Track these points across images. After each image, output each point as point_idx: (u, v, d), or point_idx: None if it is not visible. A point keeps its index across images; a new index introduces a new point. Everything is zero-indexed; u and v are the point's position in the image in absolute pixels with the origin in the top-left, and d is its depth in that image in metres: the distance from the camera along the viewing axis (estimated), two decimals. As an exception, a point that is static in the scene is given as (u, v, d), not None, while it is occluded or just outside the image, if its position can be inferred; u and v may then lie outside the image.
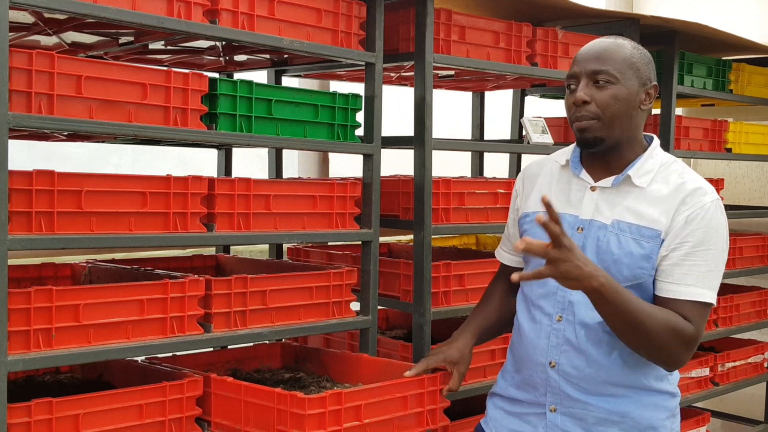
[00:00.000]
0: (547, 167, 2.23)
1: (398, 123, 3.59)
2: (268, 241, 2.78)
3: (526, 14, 3.36)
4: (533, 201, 2.19)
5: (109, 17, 2.13)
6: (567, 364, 2.06)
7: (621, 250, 2.00)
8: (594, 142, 2.04)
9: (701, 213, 1.99)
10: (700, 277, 1.97)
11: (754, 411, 4.99)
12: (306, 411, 2.10)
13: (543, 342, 2.08)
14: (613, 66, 2.02)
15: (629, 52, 2.06)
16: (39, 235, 2.08)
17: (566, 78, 2.10)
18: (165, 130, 2.27)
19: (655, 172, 2.06)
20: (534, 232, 2.12)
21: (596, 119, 2.02)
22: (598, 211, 2.06)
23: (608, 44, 2.06)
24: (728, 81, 4.24)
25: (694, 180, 2.06)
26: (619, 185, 2.07)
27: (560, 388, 2.07)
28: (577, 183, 2.12)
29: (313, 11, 2.59)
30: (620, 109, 2.03)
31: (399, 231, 3.58)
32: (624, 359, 2.03)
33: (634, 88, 2.04)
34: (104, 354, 2.18)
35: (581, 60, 2.07)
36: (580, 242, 2.04)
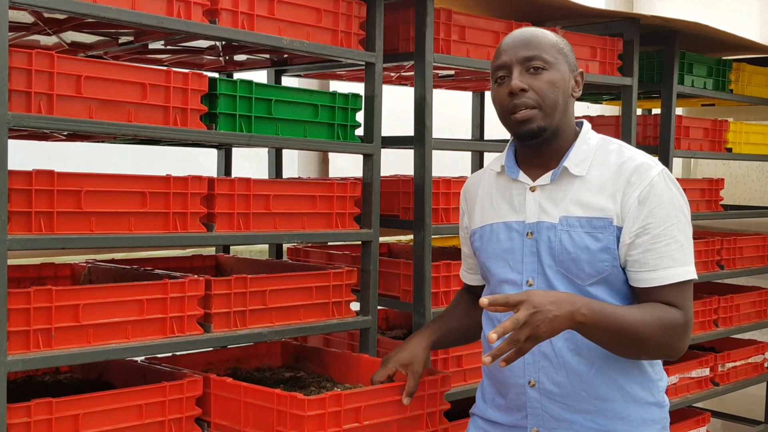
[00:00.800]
0: (484, 178, 2.14)
1: (398, 123, 3.59)
2: (268, 241, 2.78)
3: (526, 14, 3.36)
4: (478, 216, 2.11)
5: (108, 17, 2.13)
6: (547, 381, 1.96)
7: (576, 247, 1.91)
8: (538, 132, 1.94)
9: (652, 190, 1.90)
10: (675, 256, 1.89)
11: (754, 411, 4.99)
12: (305, 412, 2.10)
13: (518, 362, 1.92)
14: (544, 50, 1.95)
15: (555, 38, 1.99)
16: (39, 235, 2.08)
17: (493, 70, 1.99)
18: (165, 130, 2.27)
19: (591, 157, 1.97)
20: (484, 248, 2.07)
21: (537, 108, 1.93)
22: (544, 212, 1.97)
23: (533, 31, 2.00)
24: (728, 81, 4.24)
25: (635, 157, 1.96)
26: (558, 180, 1.97)
27: (543, 409, 1.97)
28: (517, 186, 2.03)
29: (312, 11, 2.59)
30: (558, 95, 1.94)
31: (399, 231, 3.58)
32: (606, 369, 1.94)
33: (566, 73, 1.97)
34: (104, 354, 2.18)
35: (508, 48, 1.97)
36: (532, 247, 1.97)
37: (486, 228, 2.07)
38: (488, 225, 2.07)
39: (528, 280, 1.98)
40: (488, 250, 2.06)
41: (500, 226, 2.04)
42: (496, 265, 2.04)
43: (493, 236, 2.05)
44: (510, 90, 1.93)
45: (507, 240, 2.02)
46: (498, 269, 2.04)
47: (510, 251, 2.01)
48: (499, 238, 2.03)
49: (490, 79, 2.05)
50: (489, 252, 2.06)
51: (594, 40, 3.50)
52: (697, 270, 4.28)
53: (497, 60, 1.98)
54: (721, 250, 4.13)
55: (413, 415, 2.29)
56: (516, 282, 2.00)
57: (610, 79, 3.57)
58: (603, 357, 1.92)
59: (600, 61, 3.52)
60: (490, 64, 2.03)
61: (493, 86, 2.01)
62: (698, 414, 4.13)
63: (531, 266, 1.98)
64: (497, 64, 1.98)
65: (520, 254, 1.99)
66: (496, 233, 2.04)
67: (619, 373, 1.95)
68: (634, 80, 3.65)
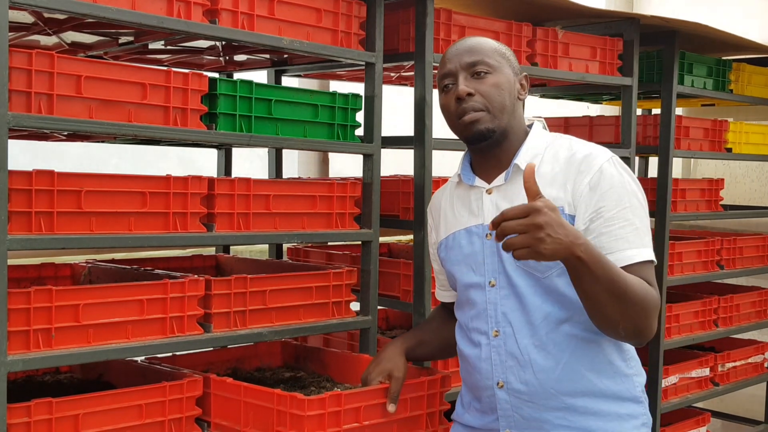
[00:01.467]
0: (446, 191, 2.17)
1: (398, 123, 3.59)
2: (268, 241, 2.78)
3: (526, 14, 3.36)
4: (443, 228, 2.13)
5: (109, 17, 2.13)
6: (515, 380, 1.95)
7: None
8: (486, 133, 1.97)
9: (602, 175, 1.91)
10: (629, 238, 1.88)
11: (754, 411, 4.99)
12: (305, 412, 2.10)
13: (485, 364, 1.98)
14: (486, 55, 1.99)
15: (496, 43, 2.04)
16: (39, 235, 2.08)
17: (440, 79, 2.04)
18: (165, 130, 2.27)
19: (542, 153, 1.99)
20: (449, 257, 2.09)
21: (484, 110, 1.96)
22: (500, 212, 1.95)
23: (474, 38, 2.04)
24: (728, 81, 4.24)
25: (583, 148, 1.98)
26: (511, 178, 2.00)
27: (513, 409, 1.97)
28: (475, 192, 2.06)
29: (313, 11, 2.59)
30: (504, 97, 1.98)
31: (399, 231, 3.58)
32: (574, 364, 1.92)
33: (510, 76, 2.01)
34: (104, 354, 2.18)
35: (452, 57, 2.02)
36: (492, 248, 1.98)
37: (450, 237, 2.10)
38: (451, 234, 2.10)
39: (490, 281, 1.99)
40: (452, 258, 2.09)
41: (461, 233, 2.07)
42: (460, 271, 2.06)
43: (455, 243, 2.08)
44: (457, 95, 1.97)
45: (468, 245, 2.04)
46: (462, 275, 2.06)
47: (472, 255, 2.03)
48: (461, 244, 2.06)
49: (438, 89, 2.08)
50: (453, 259, 2.08)
51: (594, 40, 3.50)
52: (697, 270, 4.27)
53: (442, 69, 2.03)
54: (721, 250, 4.13)
55: (413, 415, 2.29)
56: (479, 284, 2.01)
57: (610, 79, 3.57)
58: (570, 352, 1.92)
59: (600, 61, 3.52)
60: (438, 73, 2.06)
61: (441, 95, 2.04)
62: (698, 414, 4.13)
63: (492, 266, 1.99)
64: (443, 72, 2.02)
65: (481, 256, 2.01)
66: (458, 240, 2.07)
67: (588, 368, 1.93)
68: (634, 80, 3.65)
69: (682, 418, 4.05)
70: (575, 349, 1.92)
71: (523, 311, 1.94)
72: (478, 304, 2.01)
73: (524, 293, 1.95)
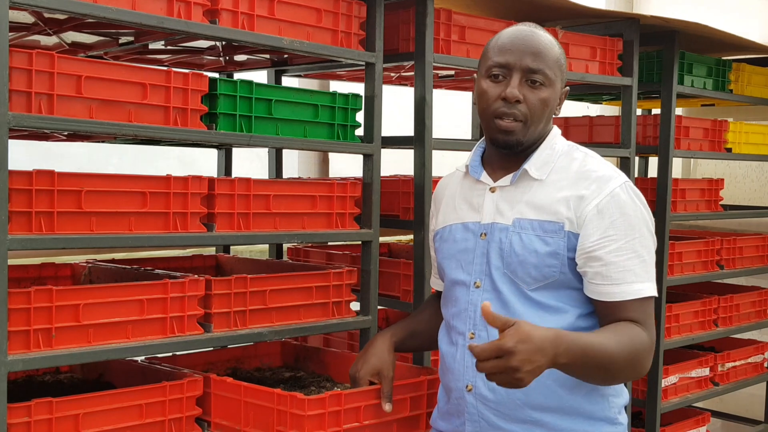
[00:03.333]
0: (453, 180, 2.14)
1: (398, 123, 3.59)
2: (268, 241, 2.78)
3: (526, 14, 3.36)
4: (442, 217, 2.10)
5: (109, 17, 2.13)
6: (483, 386, 1.91)
7: (524, 249, 1.88)
8: (515, 145, 1.93)
9: (612, 200, 1.86)
10: (637, 271, 1.84)
11: (754, 411, 4.99)
12: (306, 412, 2.10)
13: (458, 365, 1.95)
14: (548, 66, 1.91)
15: (558, 51, 1.96)
16: (39, 235, 2.08)
17: (489, 64, 1.93)
18: (165, 130, 2.27)
19: (554, 162, 1.95)
20: (442, 248, 2.06)
21: (522, 121, 1.90)
22: (499, 213, 1.96)
23: (542, 39, 1.93)
24: (728, 81, 4.24)
25: (597, 168, 1.92)
26: (517, 182, 1.96)
27: (479, 415, 1.93)
28: (479, 187, 2.02)
29: (313, 11, 2.59)
30: (545, 113, 1.93)
31: (399, 231, 3.58)
32: (546, 379, 1.82)
33: (558, 91, 1.96)
34: (104, 354, 2.18)
35: (515, 50, 1.91)
36: (484, 248, 1.95)
37: (446, 228, 2.07)
38: (448, 226, 2.07)
39: (476, 282, 1.97)
40: (444, 250, 2.06)
41: (458, 227, 2.03)
42: (450, 266, 2.03)
43: (450, 236, 2.04)
44: (504, 96, 1.90)
45: (462, 240, 2.01)
46: (451, 270, 2.03)
47: (464, 252, 2.00)
48: (456, 238, 2.03)
49: (480, 69, 1.98)
50: (445, 252, 2.05)
51: (594, 40, 3.50)
52: (697, 270, 4.27)
53: (499, 56, 1.92)
54: (721, 250, 4.13)
55: (413, 415, 2.29)
56: (465, 283, 1.98)
57: (610, 79, 3.57)
58: None
59: (600, 61, 3.52)
60: (486, 52, 1.97)
61: (483, 79, 1.95)
62: (698, 414, 4.13)
63: (480, 267, 1.96)
64: (498, 61, 1.92)
65: (472, 255, 1.98)
66: (453, 233, 2.04)
67: (560, 383, 1.88)
68: (634, 80, 3.65)
69: (682, 418, 4.05)
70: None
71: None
72: (460, 302, 1.99)
73: (507, 300, 1.92)
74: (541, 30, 1.98)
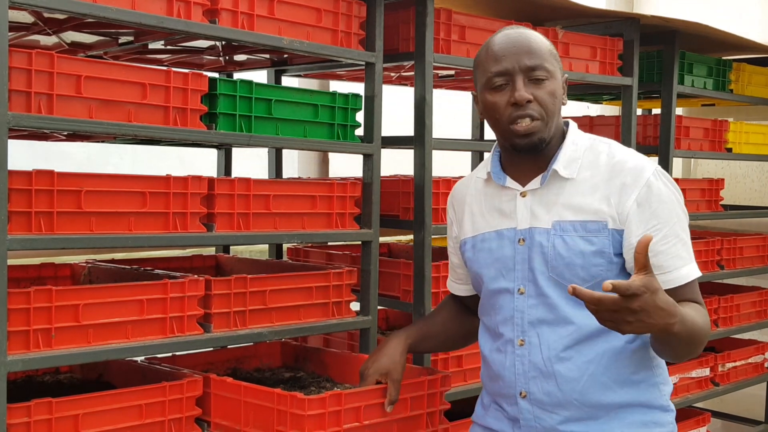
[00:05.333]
0: (471, 186, 2.09)
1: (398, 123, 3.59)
2: (268, 241, 2.78)
3: (526, 14, 3.36)
4: (468, 226, 2.06)
5: (109, 17, 2.13)
6: (538, 391, 1.91)
7: (569, 251, 1.87)
8: (539, 144, 1.90)
9: (650, 191, 1.86)
10: (683, 255, 1.87)
11: (754, 411, 4.99)
12: (306, 412, 2.10)
13: (509, 372, 1.93)
14: (546, 60, 1.90)
15: (548, 42, 1.95)
16: (39, 235, 2.08)
17: (491, 75, 1.90)
18: (165, 130, 2.27)
19: (580, 158, 1.93)
20: (476, 258, 2.03)
21: (539, 119, 1.88)
22: (535, 217, 1.93)
23: (531, 36, 1.92)
24: (728, 81, 4.24)
25: (626, 157, 1.92)
26: (547, 183, 1.93)
27: (535, 420, 1.92)
28: (506, 193, 1.98)
29: (312, 11, 2.59)
30: (556, 105, 1.91)
31: (399, 231, 3.58)
32: (601, 377, 1.87)
33: (560, 81, 1.94)
34: (104, 354, 2.18)
35: (509, 54, 1.89)
36: (524, 254, 1.93)
37: (477, 238, 2.04)
38: (480, 234, 2.03)
39: (519, 288, 1.94)
40: (480, 260, 2.02)
41: (491, 235, 2.00)
42: (488, 275, 2.00)
43: (484, 246, 2.01)
44: (515, 101, 1.87)
45: (498, 248, 1.98)
46: (490, 279, 2.00)
47: (501, 259, 1.97)
48: (491, 247, 1.99)
49: (478, 84, 1.96)
50: (481, 261, 2.02)
51: (594, 40, 3.50)
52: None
53: (496, 65, 1.90)
54: (721, 250, 4.13)
55: (413, 415, 2.29)
56: (508, 290, 1.96)
57: (610, 79, 3.57)
58: (596, 364, 1.88)
59: (600, 61, 3.52)
60: (480, 65, 1.95)
61: (487, 92, 1.93)
62: (698, 414, 4.13)
63: (522, 273, 1.94)
64: (497, 70, 1.90)
65: (511, 262, 1.95)
66: (487, 242, 2.01)
67: (614, 379, 1.89)
68: (634, 80, 3.65)
69: (682, 418, 4.03)
70: (602, 360, 1.88)
71: (552, 322, 1.89)
72: (505, 310, 1.96)
73: (555, 304, 1.90)
74: (523, 27, 1.99)
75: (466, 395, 3.00)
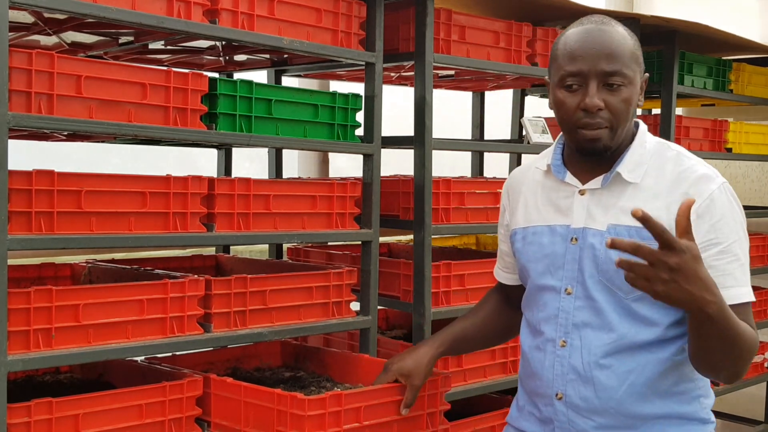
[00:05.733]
0: (529, 175, 2.03)
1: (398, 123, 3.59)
2: (268, 241, 2.78)
3: (526, 14, 3.36)
4: (521, 216, 2.00)
5: (109, 17, 2.13)
6: (574, 395, 1.85)
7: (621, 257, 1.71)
8: (603, 151, 1.83)
9: (712, 204, 1.78)
10: (737, 275, 1.78)
11: (754, 411, 4.99)
12: (306, 412, 2.10)
13: (547, 372, 1.88)
14: (625, 65, 1.80)
15: (632, 42, 1.84)
16: (39, 235, 2.08)
17: (563, 73, 1.83)
18: (165, 130, 2.27)
19: (647, 163, 1.85)
20: (526, 250, 1.96)
21: (607, 127, 1.81)
22: (591, 217, 1.86)
23: (614, 36, 1.81)
24: (728, 81, 4.24)
25: (694, 167, 1.84)
26: (609, 185, 1.86)
27: (570, 423, 1.87)
28: (565, 188, 1.92)
29: (313, 11, 2.59)
30: (630, 112, 1.82)
31: (399, 231, 3.58)
32: (640, 388, 1.81)
33: (638, 85, 1.84)
34: (104, 354, 2.18)
35: (587, 56, 1.79)
36: (575, 254, 1.87)
37: (529, 230, 1.97)
38: (531, 227, 1.96)
39: (567, 288, 1.88)
40: (529, 253, 1.96)
41: (544, 230, 1.93)
42: (536, 270, 1.94)
43: (535, 239, 1.95)
44: (585, 107, 1.79)
45: (549, 244, 1.92)
46: (537, 275, 1.94)
47: (551, 256, 1.91)
48: (542, 242, 1.93)
49: (552, 77, 1.87)
50: (530, 255, 1.96)
51: (594, 40, 3.49)
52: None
53: (571, 64, 1.81)
54: (721, 250, 4.12)
55: (413, 415, 2.29)
56: (555, 288, 1.90)
57: (610, 79, 3.56)
58: (637, 374, 1.82)
59: (600, 61, 3.51)
60: (555, 59, 1.86)
61: (558, 89, 1.85)
62: (698, 414, 4.12)
63: (571, 273, 1.87)
64: (571, 70, 1.81)
65: (561, 260, 1.89)
66: (539, 236, 1.94)
67: (653, 390, 1.83)
68: (634, 80, 3.64)
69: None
70: (644, 370, 1.82)
71: (597, 327, 1.83)
72: (549, 308, 1.91)
73: (602, 309, 1.83)
74: (609, 24, 1.85)
75: (466, 395, 3.00)
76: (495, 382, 3.12)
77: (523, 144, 3.42)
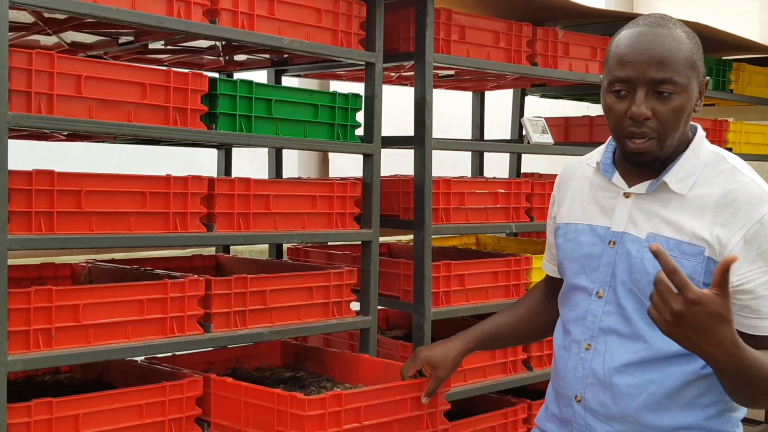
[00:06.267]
0: (579, 171, 1.98)
1: (398, 123, 3.59)
2: (268, 241, 2.78)
3: (526, 14, 3.36)
4: (566, 211, 1.96)
5: (109, 17, 2.13)
6: (593, 399, 1.82)
7: (656, 268, 1.59)
8: (650, 162, 1.77)
9: (761, 229, 1.69)
10: None
11: (754, 411, 4.99)
12: (306, 412, 2.10)
13: (570, 373, 1.86)
14: (677, 71, 1.71)
15: (688, 47, 1.75)
16: (39, 235, 2.08)
17: (612, 78, 1.77)
18: (165, 130, 2.27)
19: (697, 174, 1.77)
20: (565, 247, 1.93)
21: (655, 138, 1.73)
22: (632, 223, 1.80)
23: (667, 41, 1.74)
24: (728, 81, 4.24)
25: (747, 186, 1.74)
26: (654, 192, 1.79)
27: (587, 427, 1.84)
28: (611, 188, 1.87)
29: (313, 11, 2.59)
30: (680, 121, 1.74)
31: (399, 231, 3.58)
32: (661, 398, 1.76)
33: (694, 92, 1.75)
34: (104, 354, 2.18)
35: (636, 62, 1.72)
36: (611, 258, 1.82)
37: (571, 227, 1.94)
38: (573, 224, 1.93)
39: (598, 291, 1.84)
40: (567, 250, 1.93)
41: (584, 228, 1.90)
42: (572, 269, 1.91)
43: (575, 237, 1.91)
44: (632, 116, 1.73)
45: (588, 244, 1.88)
46: (572, 273, 1.91)
47: (588, 257, 1.87)
48: (581, 241, 1.90)
49: (603, 79, 1.82)
50: (567, 252, 1.93)
51: (594, 40, 3.50)
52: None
53: (619, 69, 1.75)
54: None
55: (413, 415, 2.29)
56: (587, 290, 1.87)
57: (610, 79, 3.56)
58: (659, 384, 1.77)
59: (600, 61, 3.52)
60: (607, 61, 1.81)
61: (608, 94, 1.80)
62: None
63: (604, 277, 1.84)
64: (619, 75, 1.75)
65: (597, 262, 1.85)
66: (579, 235, 1.91)
67: (674, 401, 1.77)
68: (634, 80, 3.64)
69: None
70: (666, 381, 1.77)
71: (623, 334, 1.79)
72: (579, 309, 1.88)
73: (630, 317, 1.79)
74: (665, 27, 1.79)
75: (466, 395, 3.00)
76: (495, 382, 3.12)
77: (523, 144, 3.42)
